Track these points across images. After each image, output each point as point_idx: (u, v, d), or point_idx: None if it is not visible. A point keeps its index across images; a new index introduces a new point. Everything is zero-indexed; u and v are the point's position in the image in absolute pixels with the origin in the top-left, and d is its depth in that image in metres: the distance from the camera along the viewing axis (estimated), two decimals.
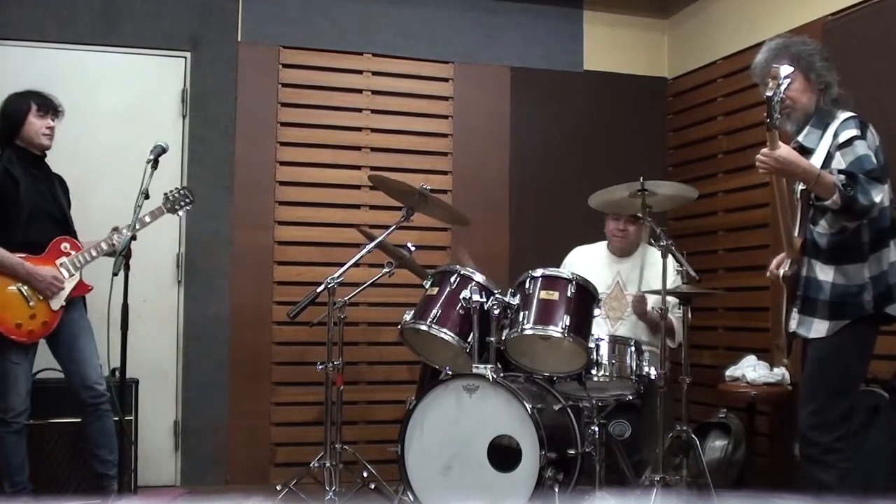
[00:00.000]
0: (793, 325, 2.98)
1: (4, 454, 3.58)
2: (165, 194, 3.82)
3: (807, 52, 2.98)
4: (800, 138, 2.97)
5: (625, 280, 4.10)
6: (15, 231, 3.60)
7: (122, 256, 3.25)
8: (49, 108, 3.71)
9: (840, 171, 2.74)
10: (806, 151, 2.92)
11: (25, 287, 3.57)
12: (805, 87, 2.96)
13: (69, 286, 3.65)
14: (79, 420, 3.76)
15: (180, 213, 3.89)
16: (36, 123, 3.67)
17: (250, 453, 4.58)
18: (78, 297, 3.73)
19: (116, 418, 3.64)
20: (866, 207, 2.72)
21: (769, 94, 2.66)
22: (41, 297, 3.59)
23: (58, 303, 3.62)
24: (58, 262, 3.65)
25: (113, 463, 3.69)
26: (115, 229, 3.70)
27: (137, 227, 3.52)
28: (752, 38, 4.57)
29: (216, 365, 4.57)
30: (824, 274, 2.89)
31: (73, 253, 3.69)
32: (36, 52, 4.42)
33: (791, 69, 2.72)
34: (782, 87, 2.66)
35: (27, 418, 3.63)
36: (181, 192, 3.87)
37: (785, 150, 2.73)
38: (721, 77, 4.88)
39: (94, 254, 3.70)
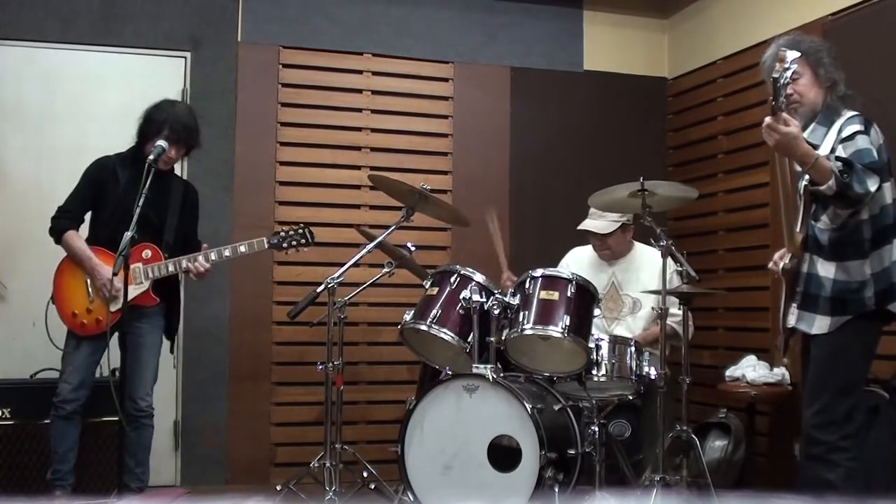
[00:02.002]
0: (791, 321, 2.99)
1: (52, 438, 3.64)
2: (282, 229, 3.86)
3: (815, 48, 2.99)
4: (805, 134, 2.97)
5: (620, 281, 4.10)
6: (104, 227, 3.66)
7: (122, 257, 3.24)
8: (178, 142, 3.65)
9: (838, 158, 2.76)
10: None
11: (90, 281, 3.62)
12: (813, 82, 2.97)
13: (133, 293, 3.52)
14: (88, 420, 3.77)
15: (288, 251, 3.86)
16: (159, 147, 3.57)
17: (250, 453, 4.58)
18: (153, 308, 3.71)
19: (117, 418, 3.63)
20: (860, 195, 2.72)
21: (775, 75, 2.66)
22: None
23: (115, 305, 3.56)
24: (132, 265, 3.59)
25: (139, 477, 3.73)
26: (205, 250, 3.71)
27: (228, 253, 3.66)
28: (752, 38, 4.58)
29: (216, 365, 4.57)
30: (825, 270, 2.90)
31: (151, 262, 3.67)
32: (36, 52, 4.42)
33: (797, 54, 2.72)
34: (788, 72, 2.66)
35: (80, 410, 3.65)
36: (301, 230, 3.85)
37: (792, 128, 2.70)
38: (721, 77, 4.88)
39: (171, 269, 3.68)
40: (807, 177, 2.97)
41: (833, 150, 2.87)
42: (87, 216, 3.77)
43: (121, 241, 3.37)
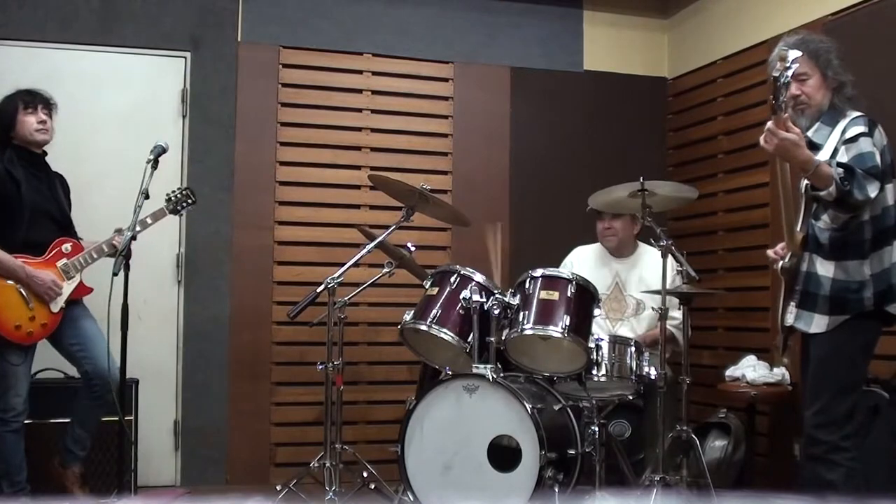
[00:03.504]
0: (789, 319, 2.99)
1: (4, 454, 3.58)
2: (168, 195, 3.81)
3: (825, 49, 2.99)
4: (809, 133, 2.98)
5: (624, 280, 4.10)
6: (16, 231, 3.59)
7: (122, 257, 3.25)
8: (37, 103, 3.68)
9: (839, 164, 2.76)
10: (814, 147, 2.92)
11: (24, 289, 3.56)
12: (821, 84, 2.97)
13: (69, 289, 3.65)
14: None
15: (182, 213, 3.89)
16: (26, 121, 3.66)
17: (250, 453, 4.58)
18: (78, 298, 3.73)
19: (116, 418, 3.63)
20: (860, 202, 2.73)
21: (775, 74, 2.64)
22: (40, 300, 3.59)
23: (57, 305, 3.62)
24: (59, 263, 3.65)
25: (84, 445, 3.73)
26: (118, 230, 3.69)
27: (139, 228, 3.51)
28: (752, 38, 4.58)
29: (216, 365, 4.57)
30: (825, 269, 2.90)
31: (74, 255, 3.68)
32: (36, 52, 4.42)
33: (799, 53, 2.71)
34: (789, 72, 2.66)
35: (26, 418, 3.63)
36: (183, 192, 3.86)
37: (792, 135, 2.70)
38: (721, 77, 4.87)
39: (95, 255, 3.69)
40: None
41: (836, 151, 2.88)
42: None
43: (38, 240, 3.52)
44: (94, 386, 3.67)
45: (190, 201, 3.87)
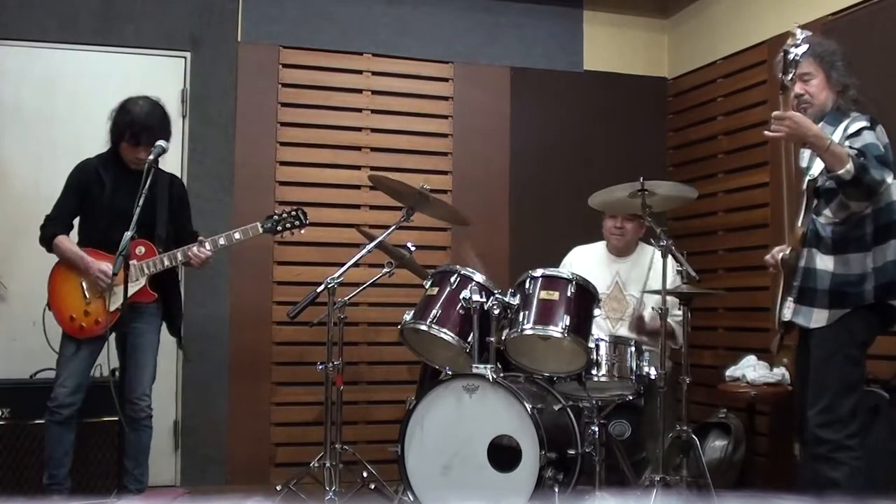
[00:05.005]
0: (787, 314, 3.00)
1: (47, 442, 3.62)
2: (275, 213, 3.85)
3: (831, 51, 3.03)
4: None
5: (624, 280, 4.10)
6: (95, 229, 3.66)
7: (123, 257, 3.24)
8: (140, 141, 3.60)
9: (851, 147, 2.80)
10: None
11: (85, 282, 3.61)
12: (825, 85, 3.01)
13: (130, 290, 3.49)
14: (86, 420, 3.77)
15: (283, 234, 3.87)
16: (127, 151, 3.65)
17: (250, 453, 4.58)
18: (150, 305, 3.70)
19: (117, 418, 3.63)
20: (877, 182, 2.76)
21: (785, 48, 2.71)
22: (99, 295, 3.60)
23: (114, 304, 3.54)
24: None
25: (135, 477, 3.70)
26: (200, 240, 3.71)
27: (223, 242, 3.68)
28: (752, 38, 4.58)
29: (216, 365, 4.57)
30: (824, 263, 2.91)
31: (145, 258, 3.65)
32: (36, 52, 4.42)
33: (808, 32, 2.78)
34: (800, 49, 2.70)
35: (76, 414, 3.63)
36: (294, 212, 3.85)
37: (797, 114, 2.79)
38: (721, 77, 4.87)
39: (166, 262, 3.67)
40: (811, 172, 3.00)
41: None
42: (76, 221, 3.75)
43: (115, 241, 3.39)
44: (126, 410, 3.58)
45: (297, 223, 3.85)
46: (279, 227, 3.84)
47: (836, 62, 3.01)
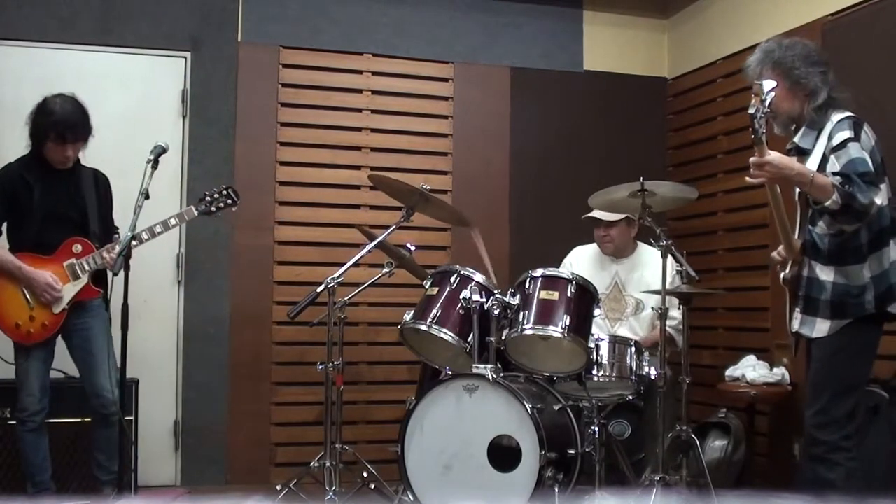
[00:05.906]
0: (795, 325, 3.00)
1: (24, 453, 3.60)
2: (205, 194, 3.80)
3: (788, 59, 2.97)
4: (796, 139, 3.00)
5: (623, 280, 4.10)
6: (27, 233, 3.61)
7: (123, 257, 3.25)
8: (67, 139, 3.59)
9: (834, 174, 2.75)
10: (802, 152, 2.94)
11: (27, 288, 3.57)
12: (785, 94, 2.96)
13: (73, 290, 3.61)
14: (78, 420, 3.78)
15: (219, 214, 3.85)
16: (54, 151, 3.62)
17: (250, 453, 4.58)
18: (95, 300, 3.69)
19: (117, 418, 3.63)
20: (865, 206, 2.71)
21: (751, 111, 2.68)
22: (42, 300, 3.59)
23: (59, 307, 3.59)
24: (65, 263, 3.62)
25: (109, 470, 3.68)
26: (114, 239, 3.69)
27: (160, 229, 3.61)
28: (752, 38, 4.56)
29: (216, 365, 4.57)
30: (825, 274, 2.90)
31: (84, 255, 3.64)
32: (36, 53, 4.42)
33: (774, 84, 2.73)
34: (766, 103, 2.67)
35: (45, 417, 3.62)
36: (223, 192, 3.82)
37: (776, 155, 2.75)
38: (721, 77, 4.87)
39: (106, 256, 3.66)
40: None
41: (825, 157, 2.86)
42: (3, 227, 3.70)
43: (51, 241, 3.49)
44: (94, 405, 3.63)
45: (230, 202, 3.83)
46: (213, 208, 3.81)
47: (794, 66, 2.94)
